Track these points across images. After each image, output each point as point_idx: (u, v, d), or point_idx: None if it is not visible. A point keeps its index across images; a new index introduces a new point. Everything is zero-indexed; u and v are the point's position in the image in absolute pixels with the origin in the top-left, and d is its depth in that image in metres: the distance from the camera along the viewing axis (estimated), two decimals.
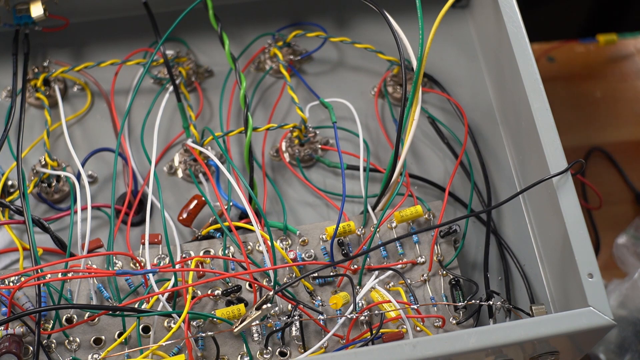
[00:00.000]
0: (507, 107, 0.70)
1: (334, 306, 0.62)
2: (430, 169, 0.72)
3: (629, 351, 0.81)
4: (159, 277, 0.64)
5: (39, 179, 0.68)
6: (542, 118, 0.63)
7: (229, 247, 0.65)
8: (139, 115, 0.72)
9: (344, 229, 0.65)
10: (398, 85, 0.74)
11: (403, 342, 0.54)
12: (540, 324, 0.56)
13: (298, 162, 0.71)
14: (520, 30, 0.66)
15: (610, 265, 0.88)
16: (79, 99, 0.73)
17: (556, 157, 0.61)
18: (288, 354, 0.62)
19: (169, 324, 0.62)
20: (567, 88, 0.95)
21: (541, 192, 0.63)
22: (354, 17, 0.77)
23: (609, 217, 0.90)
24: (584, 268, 0.58)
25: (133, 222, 0.68)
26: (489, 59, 0.74)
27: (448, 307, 0.64)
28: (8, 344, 0.59)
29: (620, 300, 0.82)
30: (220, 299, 0.63)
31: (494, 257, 0.68)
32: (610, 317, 0.56)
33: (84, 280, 0.63)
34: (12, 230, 0.66)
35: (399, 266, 0.65)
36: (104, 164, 0.71)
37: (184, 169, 0.70)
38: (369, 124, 0.73)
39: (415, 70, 0.64)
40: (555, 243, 0.62)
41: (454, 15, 0.77)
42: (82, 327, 0.62)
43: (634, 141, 0.93)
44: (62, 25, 0.71)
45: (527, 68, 0.65)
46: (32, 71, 0.72)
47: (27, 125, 0.70)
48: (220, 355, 0.62)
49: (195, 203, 0.67)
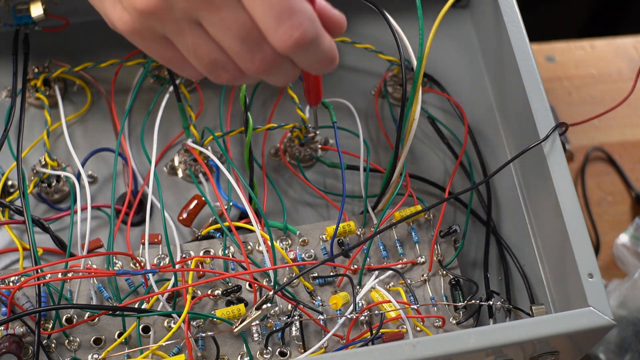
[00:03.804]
0: (507, 107, 0.70)
1: (334, 306, 0.62)
2: (430, 169, 0.72)
3: (629, 351, 0.81)
4: (159, 277, 0.64)
5: (39, 179, 0.68)
6: (542, 118, 0.63)
7: (229, 247, 0.65)
8: (139, 115, 0.72)
9: (344, 229, 0.65)
10: (398, 85, 0.74)
11: (403, 342, 0.54)
12: (540, 324, 0.56)
13: (298, 162, 0.71)
14: (520, 30, 0.66)
15: (610, 265, 0.88)
16: (79, 99, 0.73)
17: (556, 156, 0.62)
18: (288, 354, 0.62)
19: (169, 324, 0.62)
20: (567, 88, 0.95)
21: (541, 192, 0.63)
22: (354, 17, 0.77)
23: (609, 217, 0.90)
24: (584, 268, 0.58)
25: (133, 222, 0.68)
26: (489, 59, 0.74)
27: (448, 307, 0.64)
28: (8, 344, 0.59)
29: (620, 300, 0.82)
30: (220, 299, 0.63)
31: (494, 257, 0.68)
32: (610, 317, 0.56)
33: (84, 280, 0.63)
34: (12, 230, 0.66)
35: (399, 266, 0.65)
36: (104, 164, 0.71)
37: (184, 169, 0.70)
38: (369, 124, 0.73)
39: (415, 70, 0.64)
40: (555, 243, 0.62)
41: (454, 15, 0.77)
42: (82, 327, 0.62)
43: (634, 141, 0.92)
44: (62, 25, 0.71)
45: (527, 68, 0.65)
46: (32, 71, 0.72)
47: (27, 125, 0.70)
48: (220, 355, 0.62)
49: (195, 203, 0.67)
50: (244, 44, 0.51)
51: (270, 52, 0.51)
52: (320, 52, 0.51)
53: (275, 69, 0.52)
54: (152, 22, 0.51)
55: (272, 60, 0.51)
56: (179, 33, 0.52)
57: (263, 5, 0.48)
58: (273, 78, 0.53)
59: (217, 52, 0.52)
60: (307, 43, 0.49)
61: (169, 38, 0.52)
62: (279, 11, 0.48)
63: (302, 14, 0.49)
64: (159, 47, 0.53)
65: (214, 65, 0.52)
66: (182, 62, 0.54)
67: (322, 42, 0.51)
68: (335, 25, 0.52)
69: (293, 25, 0.49)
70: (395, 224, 0.65)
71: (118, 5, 0.52)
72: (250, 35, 0.50)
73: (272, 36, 0.49)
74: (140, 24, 0.52)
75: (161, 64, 0.57)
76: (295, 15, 0.49)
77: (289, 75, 0.53)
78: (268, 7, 0.48)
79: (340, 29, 0.53)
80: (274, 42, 0.49)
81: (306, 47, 0.50)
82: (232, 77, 0.53)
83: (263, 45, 0.50)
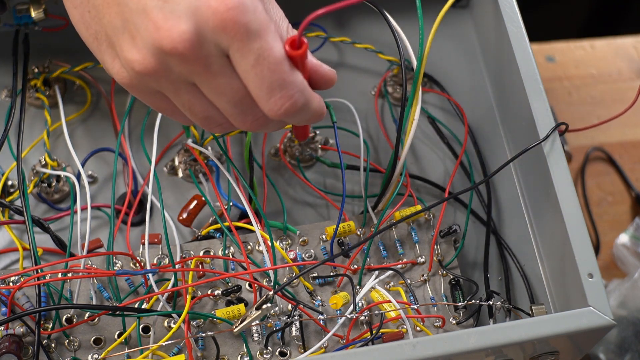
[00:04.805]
0: (507, 107, 0.70)
1: (334, 306, 0.62)
2: (430, 169, 0.72)
3: (629, 351, 0.81)
4: (159, 277, 0.64)
5: (39, 179, 0.68)
6: (542, 118, 0.63)
7: (229, 247, 0.65)
8: (139, 115, 0.72)
9: (344, 229, 0.65)
10: (398, 85, 0.74)
11: (403, 342, 0.54)
12: (540, 324, 0.56)
13: (298, 162, 0.71)
14: (520, 30, 0.66)
15: (610, 265, 0.88)
16: (79, 99, 0.73)
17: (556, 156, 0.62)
18: (288, 354, 0.62)
19: (169, 324, 0.62)
20: (567, 88, 0.95)
21: (541, 192, 0.63)
22: (354, 17, 0.77)
23: (609, 217, 0.90)
24: (584, 268, 0.58)
25: (133, 222, 0.68)
26: (489, 59, 0.74)
27: (448, 307, 0.64)
28: (8, 344, 0.59)
29: (620, 300, 0.82)
30: (220, 299, 0.63)
31: (494, 257, 0.68)
32: (610, 317, 0.56)
33: (84, 280, 0.63)
34: (12, 230, 0.66)
35: (399, 266, 0.65)
36: (104, 164, 0.71)
37: (184, 169, 0.70)
38: (369, 124, 0.73)
39: (415, 70, 0.64)
40: (555, 243, 0.62)
41: (454, 15, 0.77)
42: (82, 327, 0.62)
43: (634, 141, 0.92)
44: (62, 25, 0.71)
45: (527, 68, 0.65)
46: (32, 71, 0.72)
47: (27, 125, 0.70)
48: (220, 355, 0.62)
49: (195, 203, 0.67)
50: (236, 107, 0.53)
51: (261, 114, 0.54)
52: (308, 114, 0.54)
53: (266, 127, 0.55)
54: (148, 81, 0.53)
55: (263, 121, 0.55)
56: (175, 92, 0.54)
57: (255, 77, 0.51)
58: (264, 130, 0.56)
59: (211, 110, 0.55)
60: (296, 111, 0.52)
61: (164, 94, 0.55)
62: (270, 83, 0.51)
63: (293, 86, 0.52)
64: (154, 99, 0.56)
65: (208, 120, 0.56)
66: (175, 112, 0.57)
67: (310, 106, 0.54)
68: (326, 81, 0.56)
69: (283, 96, 0.51)
70: (395, 224, 0.65)
71: (117, 61, 0.54)
72: (243, 100, 0.53)
73: (264, 105, 0.52)
74: (138, 82, 0.54)
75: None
76: (285, 87, 0.51)
77: (279, 128, 0.57)
78: (260, 79, 0.51)
79: (331, 83, 0.57)
80: (265, 110, 0.52)
81: (295, 114, 0.53)
82: (224, 130, 0.57)
83: (255, 109, 0.53)
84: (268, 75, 0.51)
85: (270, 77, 0.51)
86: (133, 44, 0.52)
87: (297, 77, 0.52)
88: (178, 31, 0.50)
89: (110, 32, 0.53)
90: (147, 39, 0.51)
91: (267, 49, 0.50)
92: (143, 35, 0.51)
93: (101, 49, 0.55)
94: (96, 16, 0.54)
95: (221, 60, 0.51)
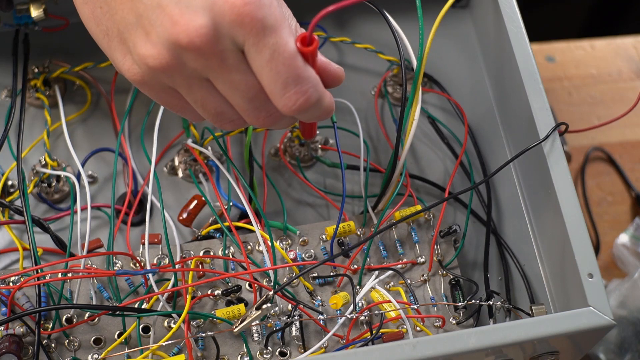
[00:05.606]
0: (507, 107, 0.70)
1: (334, 306, 0.62)
2: (430, 169, 0.72)
3: (629, 351, 0.81)
4: (159, 277, 0.64)
5: (39, 179, 0.68)
6: (542, 118, 0.63)
7: (229, 247, 0.65)
8: (139, 115, 0.72)
9: (344, 229, 0.65)
10: (398, 85, 0.74)
11: (403, 342, 0.54)
12: (540, 324, 0.56)
13: (298, 162, 0.71)
14: (520, 30, 0.66)
15: (610, 265, 0.88)
16: (79, 99, 0.73)
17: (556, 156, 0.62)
18: (288, 354, 0.62)
19: (169, 324, 0.62)
20: (567, 88, 0.95)
21: (541, 192, 0.63)
22: (354, 17, 0.77)
23: (609, 217, 0.90)
24: (584, 268, 0.58)
25: (133, 222, 0.68)
26: (489, 59, 0.74)
27: (448, 307, 0.64)
28: (8, 344, 0.59)
29: (620, 300, 0.82)
30: (220, 299, 0.63)
31: (494, 257, 0.68)
32: (610, 317, 0.56)
33: (84, 280, 0.63)
34: (12, 230, 0.66)
35: (399, 266, 0.65)
36: (104, 164, 0.71)
37: (184, 169, 0.70)
38: (369, 124, 0.73)
39: (415, 70, 0.64)
40: (555, 243, 0.62)
41: (454, 15, 0.77)
42: (82, 327, 0.62)
43: (634, 141, 0.92)
44: (62, 25, 0.71)
45: (527, 68, 0.65)
46: (32, 71, 0.72)
47: (27, 125, 0.70)
48: (220, 355, 0.62)
49: (195, 203, 0.67)
50: (250, 103, 0.53)
51: (275, 110, 0.54)
52: (320, 110, 0.54)
53: (278, 123, 0.55)
54: (161, 77, 0.53)
55: (276, 117, 0.55)
56: (188, 87, 0.54)
57: (270, 72, 0.51)
58: (275, 127, 0.56)
59: (224, 106, 0.55)
60: (310, 106, 0.52)
61: (177, 90, 0.54)
62: (285, 78, 0.51)
63: (307, 82, 0.52)
64: (165, 95, 0.55)
65: (220, 116, 0.55)
66: (185, 108, 0.56)
67: (323, 102, 0.54)
68: (335, 79, 0.56)
69: (297, 91, 0.51)
70: (395, 224, 0.65)
71: (128, 57, 0.54)
72: (257, 96, 0.53)
73: (278, 100, 0.52)
74: (150, 78, 0.53)
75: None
76: (300, 83, 0.51)
77: (290, 124, 0.57)
78: (275, 74, 0.51)
79: (339, 81, 0.57)
80: (279, 105, 0.52)
81: (308, 109, 0.52)
82: (235, 127, 0.57)
83: (269, 104, 0.53)
84: (283, 70, 0.51)
85: (285, 72, 0.51)
86: (147, 39, 0.52)
87: (310, 72, 0.52)
88: (195, 26, 0.50)
89: (123, 28, 0.53)
90: (162, 33, 0.51)
91: (282, 44, 0.50)
92: (158, 30, 0.51)
93: (112, 46, 0.55)
94: (108, 12, 0.54)
95: (236, 56, 0.51)
